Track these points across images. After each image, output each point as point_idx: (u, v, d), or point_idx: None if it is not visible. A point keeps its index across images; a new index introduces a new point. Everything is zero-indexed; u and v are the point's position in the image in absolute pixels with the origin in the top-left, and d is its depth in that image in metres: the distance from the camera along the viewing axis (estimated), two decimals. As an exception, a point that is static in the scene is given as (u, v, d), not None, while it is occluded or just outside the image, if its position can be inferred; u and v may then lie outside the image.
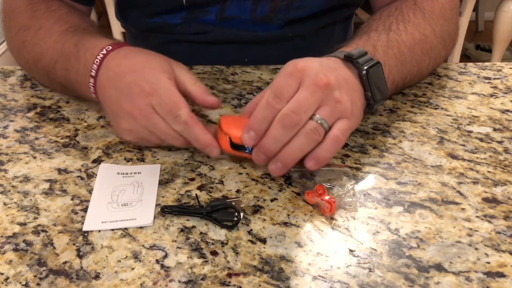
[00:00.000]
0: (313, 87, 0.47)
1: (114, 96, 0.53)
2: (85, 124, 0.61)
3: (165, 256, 0.43)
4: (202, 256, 0.43)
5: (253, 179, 0.52)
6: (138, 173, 0.52)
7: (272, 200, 0.49)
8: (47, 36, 0.62)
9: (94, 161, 0.55)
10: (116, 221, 0.46)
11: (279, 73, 0.49)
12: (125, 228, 0.46)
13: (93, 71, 0.55)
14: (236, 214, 0.46)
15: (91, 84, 0.55)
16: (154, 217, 0.47)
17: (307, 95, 0.47)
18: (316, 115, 0.47)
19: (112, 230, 0.46)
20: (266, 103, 0.47)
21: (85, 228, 0.46)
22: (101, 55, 0.55)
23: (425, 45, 0.63)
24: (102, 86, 0.54)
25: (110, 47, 0.55)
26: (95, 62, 0.55)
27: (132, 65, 0.53)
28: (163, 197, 0.50)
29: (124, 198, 0.49)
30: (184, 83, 0.54)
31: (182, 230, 0.46)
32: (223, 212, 0.46)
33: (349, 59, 0.53)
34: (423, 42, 0.62)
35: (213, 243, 0.44)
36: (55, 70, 0.61)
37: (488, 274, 0.41)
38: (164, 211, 0.47)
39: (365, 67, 0.52)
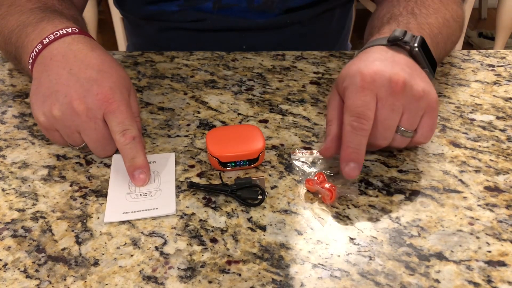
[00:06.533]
0: (392, 99, 0.45)
1: (63, 78, 0.48)
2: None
3: (164, 243, 0.43)
4: (202, 243, 0.43)
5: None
6: (153, 162, 0.51)
7: (272, 188, 0.49)
8: (16, 11, 0.58)
9: (93, 147, 0.54)
10: (138, 211, 0.46)
11: (346, 87, 0.46)
12: (124, 215, 0.45)
13: (47, 39, 0.50)
14: (261, 192, 0.47)
15: (36, 49, 0.51)
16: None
17: (389, 114, 0.46)
18: (400, 127, 0.47)
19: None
20: (352, 128, 0.45)
21: (106, 220, 0.45)
22: (65, 31, 0.51)
23: (448, 29, 0.61)
24: (51, 59, 0.50)
25: (77, 30, 0.52)
26: (53, 34, 0.51)
27: (100, 63, 0.50)
28: (162, 184, 0.49)
29: (142, 188, 0.48)
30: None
31: (181, 217, 0.45)
32: (247, 190, 0.47)
33: (394, 42, 0.51)
34: (446, 27, 0.61)
35: (212, 231, 0.44)
36: (11, 39, 0.57)
37: (489, 263, 0.41)
38: (192, 186, 0.48)
39: (416, 45, 0.50)
